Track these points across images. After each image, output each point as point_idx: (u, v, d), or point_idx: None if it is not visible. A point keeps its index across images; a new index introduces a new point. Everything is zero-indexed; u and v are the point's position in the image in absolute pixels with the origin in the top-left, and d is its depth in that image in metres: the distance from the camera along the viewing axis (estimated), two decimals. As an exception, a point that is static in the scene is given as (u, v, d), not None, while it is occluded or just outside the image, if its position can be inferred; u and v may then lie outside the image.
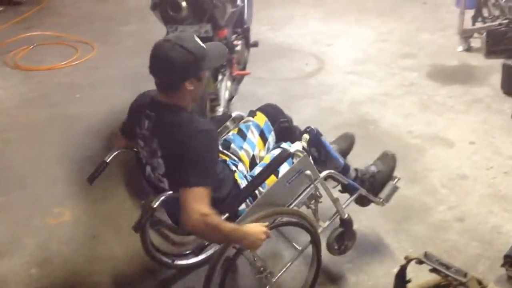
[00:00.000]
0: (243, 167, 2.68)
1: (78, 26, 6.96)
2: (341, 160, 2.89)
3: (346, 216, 2.82)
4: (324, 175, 2.69)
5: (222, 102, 3.93)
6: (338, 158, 2.88)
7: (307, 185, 2.64)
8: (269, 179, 2.52)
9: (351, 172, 2.94)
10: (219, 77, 4.03)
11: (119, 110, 4.75)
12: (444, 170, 3.77)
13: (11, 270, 3.07)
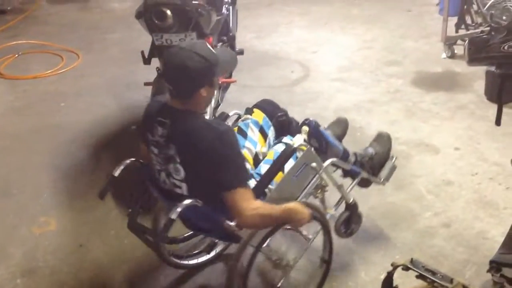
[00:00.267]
0: (248, 165, 2.69)
1: (63, 34, 6.95)
2: (340, 147, 2.97)
3: (351, 200, 2.92)
4: (327, 164, 2.75)
5: (208, 110, 3.93)
6: (337, 145, 2.95)
7: (313, 176, 2.71)
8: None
9: (351, 157, 3.01)
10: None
11: (104, 118, 4.76)
12: (429, 176, 3.79)
13: (-4, 280, 3.05)
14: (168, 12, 3.64)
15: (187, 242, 3.07)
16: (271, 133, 2.89)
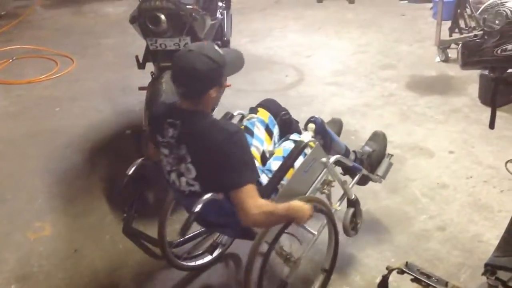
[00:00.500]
0: (256, 163, 2.70)
1: (57, 39, 6.95)
2: (342, 144, 3.05)
3: (353, 196, 2.96)
4: (333, 160, 2.81)
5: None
6: (340, 143, 3.04)
7: (320, 171, 2.78)
8: None
9: (351, 155, 3.09)
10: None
11: (99, 123, 4.76)
12: (424, 179, 3.80)
13: (-9, 286, 3.04)
14: (162, 16, 3.64)
15: (188, 243, 3.08)
16: (276, 131, 2.93)
